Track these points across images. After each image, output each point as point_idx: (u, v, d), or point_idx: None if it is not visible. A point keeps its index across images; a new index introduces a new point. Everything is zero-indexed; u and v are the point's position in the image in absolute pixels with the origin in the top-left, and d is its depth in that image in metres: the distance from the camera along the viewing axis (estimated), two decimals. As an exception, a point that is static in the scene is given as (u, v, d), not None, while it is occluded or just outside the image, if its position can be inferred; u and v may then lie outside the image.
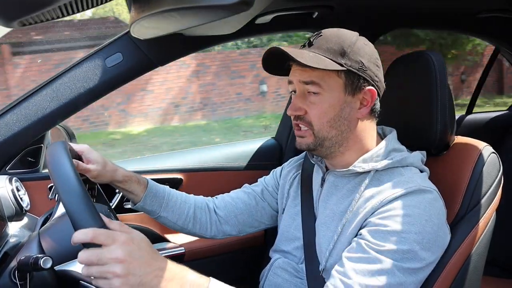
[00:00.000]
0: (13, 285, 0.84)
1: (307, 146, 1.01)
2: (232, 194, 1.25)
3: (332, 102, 0.97)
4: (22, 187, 1.29)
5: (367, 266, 0.85)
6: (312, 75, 0.96)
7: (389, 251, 0.85)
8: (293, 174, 1.19)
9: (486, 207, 0.99)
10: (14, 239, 1.02)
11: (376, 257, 0.85)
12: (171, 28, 1.10)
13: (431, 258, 0.89)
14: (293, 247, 1.09)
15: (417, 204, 0.90)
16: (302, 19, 1.50)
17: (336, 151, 1.01)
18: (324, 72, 0.95)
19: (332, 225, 0.99)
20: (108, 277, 0.72)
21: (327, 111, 0.97)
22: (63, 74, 1.33)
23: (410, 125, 1.11)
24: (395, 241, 0.86)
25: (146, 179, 1.14)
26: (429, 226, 0.88)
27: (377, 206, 0.91)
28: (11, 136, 1.29)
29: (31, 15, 0.70)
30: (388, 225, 0.87)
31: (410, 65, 1.14)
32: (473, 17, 1.71)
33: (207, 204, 1.22)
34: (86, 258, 0.73)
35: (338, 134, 0.99)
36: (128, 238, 0.75)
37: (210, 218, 1.21)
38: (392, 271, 0.84)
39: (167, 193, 1.17)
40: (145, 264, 0.75)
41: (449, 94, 1.07)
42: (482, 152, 1.02)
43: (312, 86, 0.97)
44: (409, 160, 0.99)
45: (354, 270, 0.85)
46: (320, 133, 0.98)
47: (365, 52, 0.97)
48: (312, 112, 0.98)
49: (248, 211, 1.21)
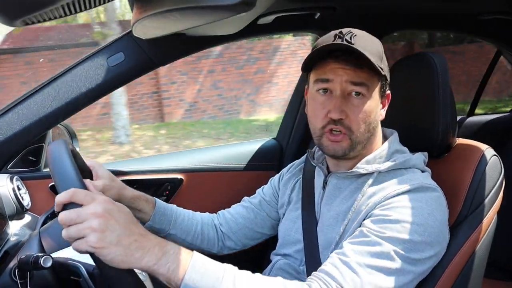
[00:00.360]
0: (13, 284, 0.84)
1: (343, 152, 0.97)
2: (231, 210, 1.26)
3: (373, 106, 0.96)
4: (23, 186, 1.29)
5: (366, 247, 0.85)
6: (361, 76, 0.93)
7: (390, 237, 0.85)
8: (294, 180, 1.19)
9: (487, 210, 0.99)
10: (15, 238, 1.02)
11: (377, 241, 0.85)
12: (173, 28, 1.10)
13: (431, 252, 0.89)
14: (294, 250, 1.08)
15: (420, 199, 0.90)
16: (304, 19, 1.49)
17: (358, 155, 1.01)
18: (370, 74, 0.94)
19: (336, 226, 0.99)
20: (86, 234, 0.71)
21: (367, 115, 0.95)
22: (64, 73, 1.33)
23: (411, 126, 1.11)
24: (397, 230, 0.86)
25: (153, 198, 1.14)
26: (431, 220, 0.88)
27: (380, 200, 0.91)
28: (13, 135, 1.29)
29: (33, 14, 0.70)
30: (390, 214, 0.88)
31: (411, 67, 1.14)
32: (474, 18, 1.71)
33: (213, 220, 1.23)
34: (65, 215, 0.72)
35: (368, 137, 0.98)
36: (108, 200, 0.75)
37: (216, 234, 1.22)
38: (391, 255, 0.84)
39: (175, 211, 1.17)
40: (125, 225, 0.74)
41: (451, 96, 1.06)
42: (484, 154, 1.01)
43: (361, 88, 0.94)
44: (411, 162, 0.99)
45: (353, 250, 0.85)
46: (358, 138, 0.96)
47: (385, 57, 0.99)
48: (353, 116, 0.94)
49: (248, 225, 1.22)
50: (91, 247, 0.71)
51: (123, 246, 0.72)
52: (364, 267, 0.83)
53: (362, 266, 0.83)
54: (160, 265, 0.74)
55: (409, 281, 0.86)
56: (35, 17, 0.73)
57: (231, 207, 1.27)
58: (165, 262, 0.74)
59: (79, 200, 0.73)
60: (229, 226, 1.22)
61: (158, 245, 0.75)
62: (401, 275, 0.85)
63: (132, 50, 1.34)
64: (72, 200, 0.73)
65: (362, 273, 0.82)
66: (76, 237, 0.72)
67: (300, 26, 1.56)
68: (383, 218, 0.88)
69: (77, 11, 0.80)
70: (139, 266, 0.73)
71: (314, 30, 1.58)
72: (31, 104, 1.30)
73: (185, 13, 0.89)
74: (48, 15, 0.76)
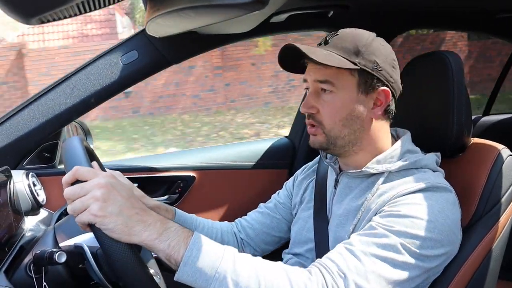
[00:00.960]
0: (28, 279, 0.85)
1: (320, 145, 1.01)
2: (247, 217, 1.26)
3: (345, 101, 0.97)
4: (38, 182, 1.31)
5: (373, 239, 0.84)
6: (326, 74, 0.96)
7: (398, 231, 0.84)
8: (307, 181, 1.19)
9: (503, 210, 0.98)
10: (30, 233, 1.03)
11: (384, 233, 0.84)
12: (186, 27, 1.10)
13: (441, 251, 0.87)
14: (306, 249, 1.08)
15: (430, 197, 0.89)
16: (317, 18, 1.49)
17: (350, 150, 1.01)
18: (338, 71, 0.95)
19: (346, 224, 0.98)
20: (89, 204, 0.73)
21: (339, 110, 0.97)
22: (79, 71, 1.34)
23: (425, 126, 1.10)
24: (405, 224, 0.85)
25: (173, 208, 1.15)
26: (441, 218, 0.87)
27: (390, 198, 0.91)
28: (28, 132, 1.31)
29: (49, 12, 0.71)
30: (400, 210, 0.87)
31: (426, 66, 1.13)
32: (491, 17, 1.68)
33: (232, 228, 1.24)
34: (70, 190, 0.75)
35: (350, 133, 0.98)
36: (111, 174, 0.78)
37: (236, 241, 1.22)
38: (398, 248, 0.83)
39: (194, 219, 1.18)
40: (127, 198, 0.76)
41: (466, 95, 1.05)
42: (500, 154, 1.00)
43: (326, 85, 0.97)
44: (423, 162, 0.98)
45: (360, 240, 0.85)
46: (332, 132, 0.98)
47: (380, 53, 0.97)
48: (324, 111, 0.98)
49: (265, 230, 1.22)
50: (93, 215, 0.73)
51: (124, 217, 0.74)
52: (369, 256, 0.82)
53: (367, 255, 0.82)
54: (160, 240, 0.75)
55: (415, 276, 0.85)
56: (50, 15, 0.74)
57: (247, 214, 1.27)
58: (165, 238, 0.75)
59: (83, 176, 0.76)
60: (246, 232, 1.22)
61: (159, 221, 0.77)
62: (407, 269, 0.83)
63: (145, 48, 1.35)
64: (76, 176, 0.76)
65: (366, 261, 0.82)
66: (80, 210, 0.74)
67: (313, 24, 1.55)
68: (392, 213, 0.87)
69: (92, 9, 0.80)
70: (140, 239, 0.74)
71: (327, 28, 1.57)
72: (46, 102, 1.32)
73: (199, 11, 0.90)
74: (63, 13, 0.77)
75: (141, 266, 0.75)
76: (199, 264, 0.75)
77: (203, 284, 0.76)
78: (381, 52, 0.97)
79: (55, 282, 0.87)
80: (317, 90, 0.99)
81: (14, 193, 1.02)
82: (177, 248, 0.75)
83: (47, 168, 1.42)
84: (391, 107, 1.01)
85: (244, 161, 1.68)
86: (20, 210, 1.06)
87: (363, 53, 0.95)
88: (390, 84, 0.98)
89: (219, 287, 0.75)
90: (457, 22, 1.76)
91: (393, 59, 1.00)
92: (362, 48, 0.95)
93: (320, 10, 1.42)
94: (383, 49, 0.98)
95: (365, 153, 1.01)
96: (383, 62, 0.97)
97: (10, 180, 1.02)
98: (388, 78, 0.98)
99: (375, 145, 1.01)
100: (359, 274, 0.80)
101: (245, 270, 0.77)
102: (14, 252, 0.91)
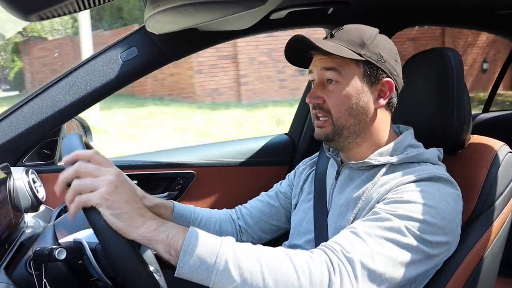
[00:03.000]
0: (28, 275, 0.85)
1: (326, 136, 1.02)
2: (247, 205, 1.26)
3: (350, 91, 0.98)
4: (38, 179, 1.31)
5: (377, 222, 0.84)
6: (332, 62, 0.98)
7: (401, 215, 0.85)
8: (307, 171, 1.20)
9: (502, 208, 0.98)
10: (30, 230, 1.03)
11: (387, 217, 0.85)
12: (186, 23, 1.10)
13: (443, 238, 0.87)
14: (305, 240, 1.09)
15: (432, 185, 0.90)
16: (317, 14, 1.49)
17: (353, 142, 1.02)
18: (344, 61, 0.97)
19: (347, 214, 0.99)
20: (101, 185, 0.74)
21: (345, 99, 0.98)
22: (79, 68, 1.34)
23: (425, 123, 1.10)
24: (408, 209, 0.85)
25: (171, 202, 1.16)
26: (443, 205, 0.88)
27: (392, 187, 0.92)
28: (28, 128, 1.31)
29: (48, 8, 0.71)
30: (403, 196, 0.88)
31: (426, 63, 1.12)
32: (491, 14, 1.68)
33: (230, 215, 1.24)
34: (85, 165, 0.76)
35: (356, 123, 0.99)
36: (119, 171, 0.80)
37: (234, 228, 1.23)
38: (402, 230, 0.83)
39: (193, 211, 1.18)
40: (132, 192, 0.78)
41: (466, 92, 1.05)
42: (499, 151, 1.00)
43: (332, 73, 0.98)
44: (425, 155, 0.98)
45: (363, 224, 0.85)
46: (339, 121, 0.99)
47: (384, 46, 1.00)
48: (330, 101, 0.99)
49: (264, 218, 1.23)
50: (103, 198, 0.73)
51: (130, 207, 0.75)
52: (374, 237, 0.82)
53: (371, 236, 0.82)
54: (159, 231, 0.76)
55: (417, 260, 0.84)
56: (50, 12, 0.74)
57: (248, 202, 1.28)
58: (164, 229, 0.76)
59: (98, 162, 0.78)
60: (245, 220, 1.23)
61: (157, 218, 0.79)
62: (413, 252, 0.83)
63: (145, 45, 1.35)
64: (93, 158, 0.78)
65: (371, 242, 0.82)
66: (87, 189, 0.74)
67: (313, 21, 1.55)
68: (395, 199, 0.88)
69: (91, 5, 0.80)
70: (139, 232, 0.75)
71: (327, 25, 1.57)
72: (45, 99, 1.32)
73: (199, 8, 0.90)
74: (63, 10, 0.77)
75: (139, 258, 0.75)
76: (198, 251, 0.75)
77: (204, 275, 0.75)
78: (385, 46, 1.00)
79: (55, 279, 0.87)
80: (323, 80, 1.00)
81: (14, 190, 1.02)
82: (176, 238, 0.76)
83: (47, 165, 1.42)
84: (393, 100, 1.03)
85: (244, 158, 1.69)
86: (20, 207, 1.06)
87: (368, 45, 0.97)
88: (393, 77, 1.00)
89: (221, 276, 0.74)
90: (456, 18, 1.76)
91: (396, 54, 1.02)
92: (367, 41, 0.98)
93: (320, 6, 1.42)
94: (387, 44, 1.01)
95: (368, 144, 1.02)
96: (387, 55, 0.99)
97: (10, 177, 1.02)
98: (392, 71, 1.00)
99: (377, 137, 1.02)
100: (365, 253, 0.80)
101: (245, 254, 0.77)
102: (14, 249, 0.92)
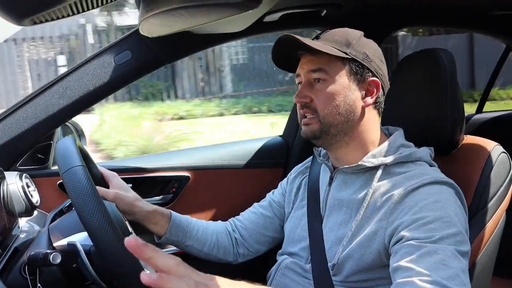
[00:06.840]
0: (23, 280, 0.85)
1: (313, 134, 1.02)
2: (240, 218, 1.26)
3: (337, 88, 0.99)
4: (32, 183, 1.30)
5: (432, 259, 0.81)
6: (318, 63, 1.00)
7: (442, 238, 0.83)
8: (300, 177, 1.19)
9: (495, 208, 0.99)
10: (24, 234, 1.03)
11: (434, 248, 0.82)
12: (179, 26, 1.10)
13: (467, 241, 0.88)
14: (300, 247, 1.08)
15: (439, 191, 0.90)
16: (311, 17, 1.49)
17: (341, 141, 1.02)
18: (330, 60, 0.98)
19: (349, 223, 0.98)
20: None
21: (332, 97, 0.99)
22: (72, 72, 1.34)
23: (419, 123, 1.11)
24: (442, 227, 0.84)
25: (168, 211, 1.15)
26: (459, 209, 0.89)
27: (398, 199, 0.91)
28: (21, 133, 1.31)
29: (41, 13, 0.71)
30: (426, 215, 0.86)
31: (419, 63, 1.13)
32: (484, 15, 1.69)
33: (226, 227, 1.24)
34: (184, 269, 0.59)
35: (343, 121, 1.00)
36: None
37: (231, 240, 1.22)
38: (455, 255, 0.82)
39: (189, 221, 1.18)
40: None
41: (458, 92, 1.06)
42: (492, 151, 1.01)
43: (319, 73, 0.99)
44: (418, 154, 0.99)
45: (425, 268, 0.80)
46: (326, 119, 0.99)
47: (369, 47, 1.02)
48: (318, 99, 1.00)
49: (258, 229, 1.22)
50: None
51: None
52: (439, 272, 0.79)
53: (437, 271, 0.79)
54: None
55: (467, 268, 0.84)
56: (43, 16, 0.74)
57: (241, 214, 1.27)
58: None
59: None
60: (240, 232, 1.22)
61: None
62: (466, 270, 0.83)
63: (138, 49, 1.35)
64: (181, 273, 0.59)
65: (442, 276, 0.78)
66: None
67: (306, 23, 1.55)
68: (421, 222, 0.86)
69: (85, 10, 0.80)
70: None
71: (320, 27, 1.58)
72: (39, 103, 1.31)
73: (192, 11, 0.90)
74: (56, 14, 0.77)
75: None
76: None
77: None
78: (370, 46, 1.02)
79: (49, 283, 0.86)
80: (310, 81, 1.02)
81: (8, 194, 1.02)
82: None
83: (41, 169, 1.41)
84: (380, 99, 1.03)
85: (238, 161, 1.68)
86: (14, 212, 1.05)
87: (353, 45, 0.99)
88: (379, 76, 1.02)
89: None
90: (449, 20, 1.77)
91: (380, 54, 1.04)
92: (352, 41, 1.00)
93: (313, 9, 1.43)
94: (372, 44, 1.03)
95: (355, 144, 1.02)
96: (372, 55, 1.01)
97: (4, 181, 1.02)
98: (378, 70, 1.01)
99: (365, 136, 1.02)
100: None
101: None
102: (8, 254, 0.91)
